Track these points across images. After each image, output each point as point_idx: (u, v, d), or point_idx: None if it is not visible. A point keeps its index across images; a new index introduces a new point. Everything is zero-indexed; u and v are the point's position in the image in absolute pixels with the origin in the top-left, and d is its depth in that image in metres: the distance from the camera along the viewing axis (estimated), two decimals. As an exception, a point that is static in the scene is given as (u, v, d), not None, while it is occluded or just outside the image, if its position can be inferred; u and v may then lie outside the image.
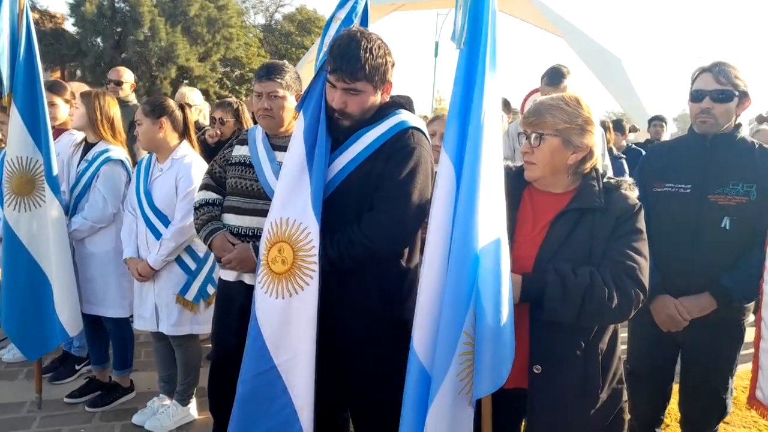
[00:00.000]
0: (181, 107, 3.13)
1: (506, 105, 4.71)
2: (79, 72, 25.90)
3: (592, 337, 1.81)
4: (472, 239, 1.67)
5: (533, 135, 1.83)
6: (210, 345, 4.04)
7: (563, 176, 1.88)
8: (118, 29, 26.52)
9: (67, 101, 3.78)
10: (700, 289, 2.34)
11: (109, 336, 3.51)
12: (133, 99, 4.97)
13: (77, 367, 3.90)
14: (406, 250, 2.17)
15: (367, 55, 1.98)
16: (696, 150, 2.40)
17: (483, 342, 1.65)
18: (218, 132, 4.15)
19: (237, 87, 30.42)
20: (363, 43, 1.99)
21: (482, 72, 1.70)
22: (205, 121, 4.84)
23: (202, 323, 3.13)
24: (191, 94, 4.50)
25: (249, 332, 2.12)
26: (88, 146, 3.39)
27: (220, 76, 29.95)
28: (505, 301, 1.64)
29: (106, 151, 3.30)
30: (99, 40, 26.49)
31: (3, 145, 4.05)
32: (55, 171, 3.13)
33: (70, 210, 3.33)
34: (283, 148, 2.61)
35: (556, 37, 11.52)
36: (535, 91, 9.59)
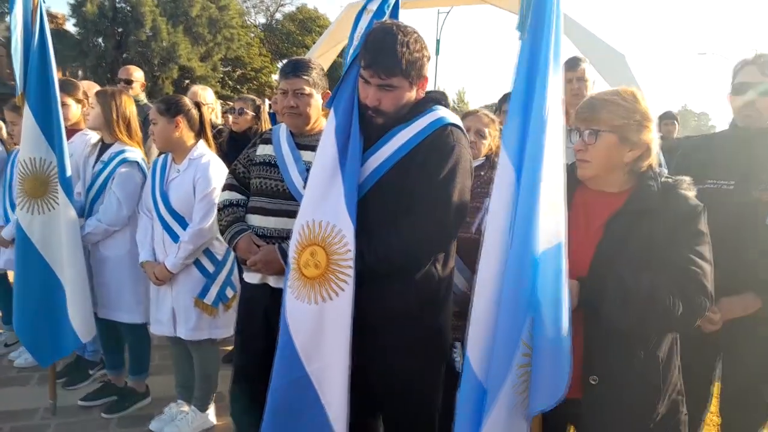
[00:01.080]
0: (197, 105, 3.04)
1: None
2: (80, 72, 25.85)
3: (651, 347, 1.72)
4: (533, 243, 1.58)
5: (587, 132, 1.74)
6: (228, 348, 3.99)
7: (619, 175, 1.79)
8: (120, 29, 26.47)
9: (78, 101, 3.70)
10: (744, 288, 2.25)
11: (125, 340, 3.43)
12: (143, 98, 4.91)
13: (91, 372, 3.83)
14: (442, 254, 2.09)
15: (404, 49, 1.89)
16: (738, 145, 2.31)
17: (541, 353, 1.56)
18: (236, 121, 4.11)
19: (238, 87, 30.34)
20: (399, 37, 1.89)
21: (545, 64, 1.60)
22: (218, 120, 4.78)
23: (221, 327, 3.06)
24: (204, 93, 4.43)
25: (279, 339, 2.03)
26: (103, 147, 3.30)
27: (222, 76, 29.90)
28: (565, 309, 1.55)
29: (123, 152, 3.22)
30: (100, 40, 26.45)
31: (15, 145, 3.99)
32: (69, 172, 3.05)
33: (85, 212, 3.25)
34: (309, 147, 2.54)
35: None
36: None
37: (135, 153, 3.26)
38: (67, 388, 3.65)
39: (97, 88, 4.34)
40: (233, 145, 3.94)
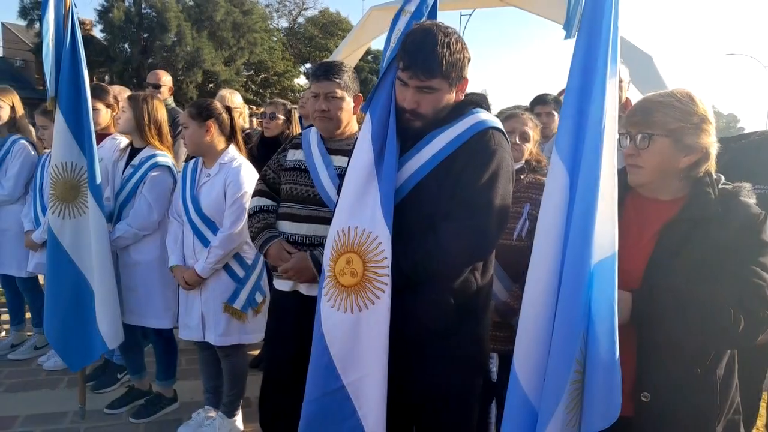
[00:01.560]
0: (228, 110, 3.02)
1: (558, 103, 4.53)
2: (107, 77, 26.28)
3: (709, 363, 1.62)
4: (589, 254, 1.50)
5: (639, 136, 1.65)
6: (254, 353, 3.96)
7: (673, 181, 1.69)
8: (145, 35, 26.90)
9: (109, 105, 3.71)
10: None
11: (144, 345, 3.41)
12: (171, 102, 4.91)
13: (119, 376, 3.82)
14: (481, 261, 2.01)
15: (445, 50, 1.82)
16: None
17: (595, 371, 1.48)
18: (267, 126, 4.09)
19: (261, 91, 30.58)
20: (440, 38, 1.82)
21: (603, 64, 1.51)
22: (245, 124, 4.77)
23: (250, 333, 3.02)
24: (232, 97, 4.42)
25: (315, 349, 1.97)
26: (133, 151, 3.30)
27: (245, 80, 30.16)
28: (616, 323, 1.48)
29: (153, 156, 3.21)
30: (126, 45, 26.91)
31: (45, 149, 4.01)
32: (98, 177, 3.03)
33: (114, 217, 3.25)
34: (340, 152, 2.50)
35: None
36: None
37: (166, 157, 3.25)
38: (96, 391, 3.65)
39: (128, 92, 4.36)
40: (265, 151, 3.91)
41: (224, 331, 2.95)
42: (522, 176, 2.61)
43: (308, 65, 36.18)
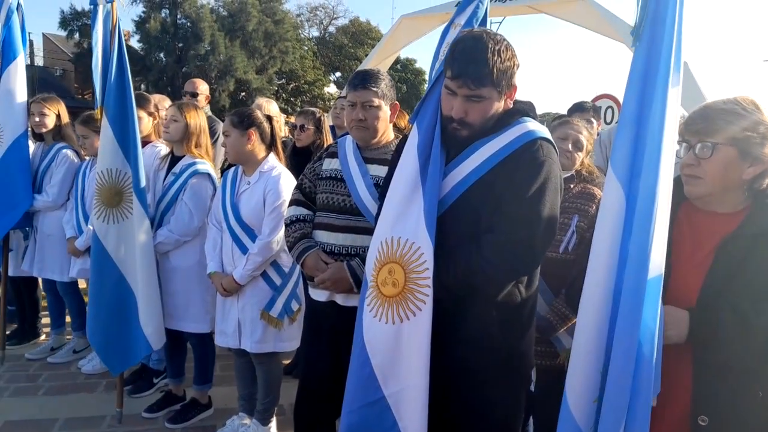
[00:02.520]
0: (269, 118, 3.04)
1: (596, 111, 4.47)
2: (143, 86, 26.88)
3: None
4: (646, 274, 1.44)
5: (700, 145, 1.58)
6: (287, 360, 3.97)
7: (735, 193, 1.61)
8: (180, 44, 27.45)
9: (150, 114, 3.78)
10: None
11: (192, 351, 3.45)
12: (207, 111, 4.99)
13: (155, 381, 3.87)
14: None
15: (495, 58, 1.78)
16: None
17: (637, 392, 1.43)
18: (299, 138, 4.10)
19: (292, 99, 30.89)
20: (490, 45, 1.79)
21: (665, 74, 1.46)
22: (281, 132, 4.80)
23: (286, 341, 3.02)
24: (269, 105, 4.46)
25: (355, 359, 1.96)
26: (173, 159, 3.36)
27: (276, 88, 30.51)
28: (654, 346, 1.43)
29: (194, 164, 3.27)
30: (162, 55, 27.50)
31: (85, 157, 4.11)
32: (143, 184, 3.11)
33: (156, 223, 3.30)
34: (377, 161, 2.48)
35: (616, 42, 11.17)
36: (602, 96, 9.27)
37: (206, 165, 3.30)
38: (133, 396, 3.69)
39: (168, 101, 4.45)
40: (296, 160, 3.93)
41: (260, 339, 2.96)
42: (572, 185, 2.55)
43: (338, 74, 36.46)
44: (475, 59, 1.78)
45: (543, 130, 1.90)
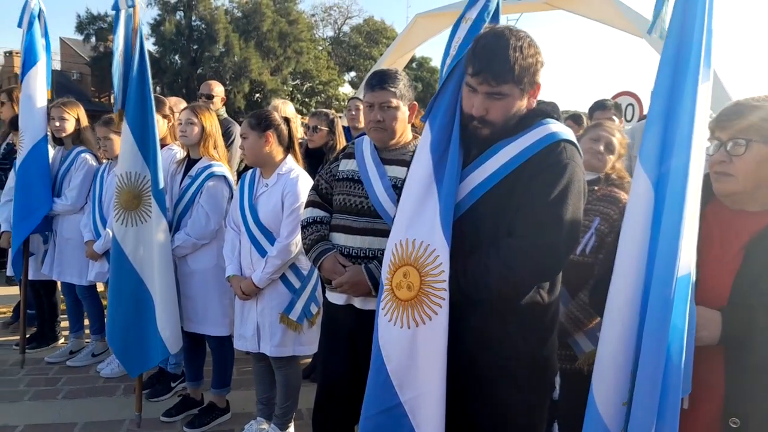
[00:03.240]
0: (286, 120, 3.02)
1: (618, 108, 4.40)
2: (158, 88, 27.12)
3: None
4: (676, 272, 1.41)
5: (731, 142, 1.53)
6: (305, 362, 3.95)
7: (766, 191, 1.56)
8: (195, 47, 27.62)
9: (165, 116, 3.79)
10: None
11: (211, 354, 3.44)
12: (222, 112, 4.99)
13: (173, 385, 3.86)
14: None
15: (517, 54, 1.73)
16: None
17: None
18: (312, 139, 4.08)
19: (307, 100, 30.95)
20: (512, 41, 1.74)
21: (695, 67, 1.40)
22: (298, 134, 4.79)
23: (305, 344, 3.00)
24: (285, 107, 4.44)
25: (372, 363, 1.92)
26: (189, 162, 3.36)
27: (291, 89, 30.59)
28: (684, 345, 1.39)
29: (210, 166, 3.27)
30: (177, 57, 27.69)
31: (105, 159, 4.12)
32: (161, 186, 3.12)
33: (173, 226, 3.30)
34: (395, 162, 2.44)
35: (635, 38, 11.03)
36: (622, 93, 9.14)
37: (222, 167, 3.29)
38: (150, 399, 3.69)
39: (183, 104, 4.45)
40: (308, 162, 3.90)
41: (280, 342, 2.93)
42: (596, 188, 2.50)
43: (353, 74, 36.47)
44: (496, 55, 1.73)
45: (567, 132, 1.84)
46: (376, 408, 1.90)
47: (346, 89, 34.94)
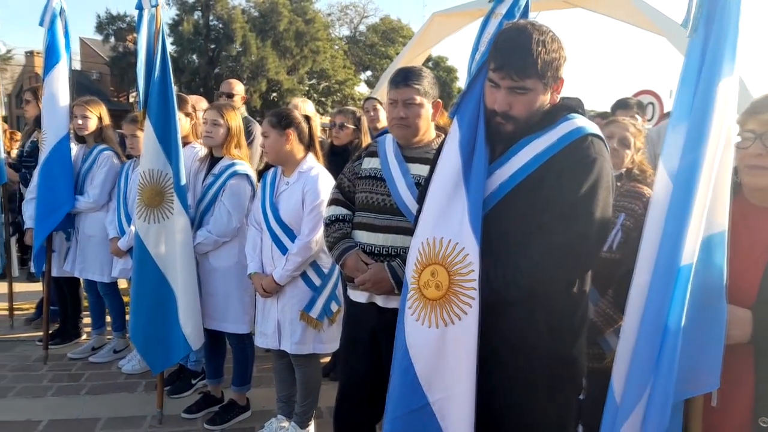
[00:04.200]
0: (307, 118, 3.02)
1: (641, 107, 4.34)
2: (176, 88, 27.32)
3: None
4: (679, 261, 1.42)
5: None
6: (325, 361, 3.95)
7: None
8: (212, 46, 27.77)
9: (187, 114, 3.80)
10: None
11: (232, 352, 3.46)
12: (243, 111, 5.00)
13: (193, 382, 3.89)
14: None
15: (540, 48, 1.71)
16: None
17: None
18: (337, 136, 4.07)
19: (323, 99, 31.00)
20: (535, 35, 1.72)
21: (719, 66, 1.39)
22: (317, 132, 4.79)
23: (326, 342, 3.00)
24: (304, 105, 4.44)
25: (398, 363, 1.90)
26: (212, 160, 3.38)
27: (307, 88, 30.66)
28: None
29: (232, 165, 3.28)
30: (194, 57, 27.86)
31: (130, 156, 4.15)
32: (183, 184, 3.15)
33: (195, 224, 3.32)
34: (418, 160, 2.43)
35: (654, 36, 10.88)
36: (642, 92, 9.01)
37: (244, 166, 3.31)
38: (171, 396, 3.72)
39: (205, 102, 4.47)
40: (333, 159, 3.90)
41: (300, 340, 2.93)
42: (619, 184, 2.48)
43: (369, 73, 36.46)
44: (518, 50, 1.71)
45: (593, 127, 1.81)
46: (403, 409, 1.88)
47: (362, 88, 34.94)
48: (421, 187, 2.24)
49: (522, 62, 1.72)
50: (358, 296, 2.48)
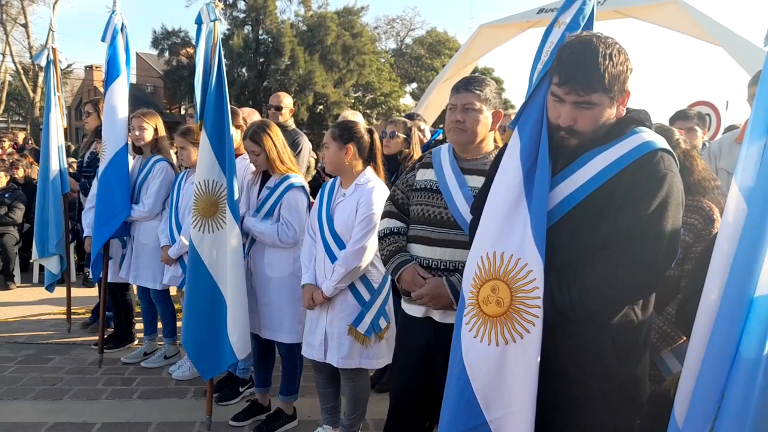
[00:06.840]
0: (370, 132, 3.02)
1: (701, 118, 4.18)
2: (227, 100, 27.99)
3: None
4: (752, 290, 1.35)
5: None
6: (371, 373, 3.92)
7: None
8: (261, 60, 28.34)
9: (238, 127, 3.87)
10: None
11: (281, 361, 3.47)
12: (291, 123, 5.06)
13: (241, 390, 3.91)
14: None
15: (607, 62, 1.66)
16: None
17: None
18: (387, 145, 4.07)
19: (368, 111, 31.19)
20: (601, 49, 1.67)
21: None
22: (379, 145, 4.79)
23: (372, 358, 2.96)
24: (353, 118, 4.45)
25: (454, 380, 1.85)
26: (266, 173, 3.42)
27: (353, 101, 30.92)
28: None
29: (288, 178, 3.32)
30: (244, 70, 28.47)
31: (181, 168, 4.25)
32: (236, 195, 3.19)
33: (249, 237, 3.38)
34: (474, 171, 2.38)
35: (709, 45, 10.52)
36: (698, 103, 8.71)
37: (299, 178, 3.36)
38: (220, 403, 3.75)
39: (257, 115, 4.54)
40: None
41: (347, 354, 2.91)
42: None
43: (414, 85, 36.54)
44: (584, 64, 1.67)
45: (662, 141, 1.75)
46: (460, 427, 1.83)
47: (407, 100, 35.04)
48: (475, 200, 2.19)
49: (588, 77, 1.68)
50: (414, 310, 2.44)
